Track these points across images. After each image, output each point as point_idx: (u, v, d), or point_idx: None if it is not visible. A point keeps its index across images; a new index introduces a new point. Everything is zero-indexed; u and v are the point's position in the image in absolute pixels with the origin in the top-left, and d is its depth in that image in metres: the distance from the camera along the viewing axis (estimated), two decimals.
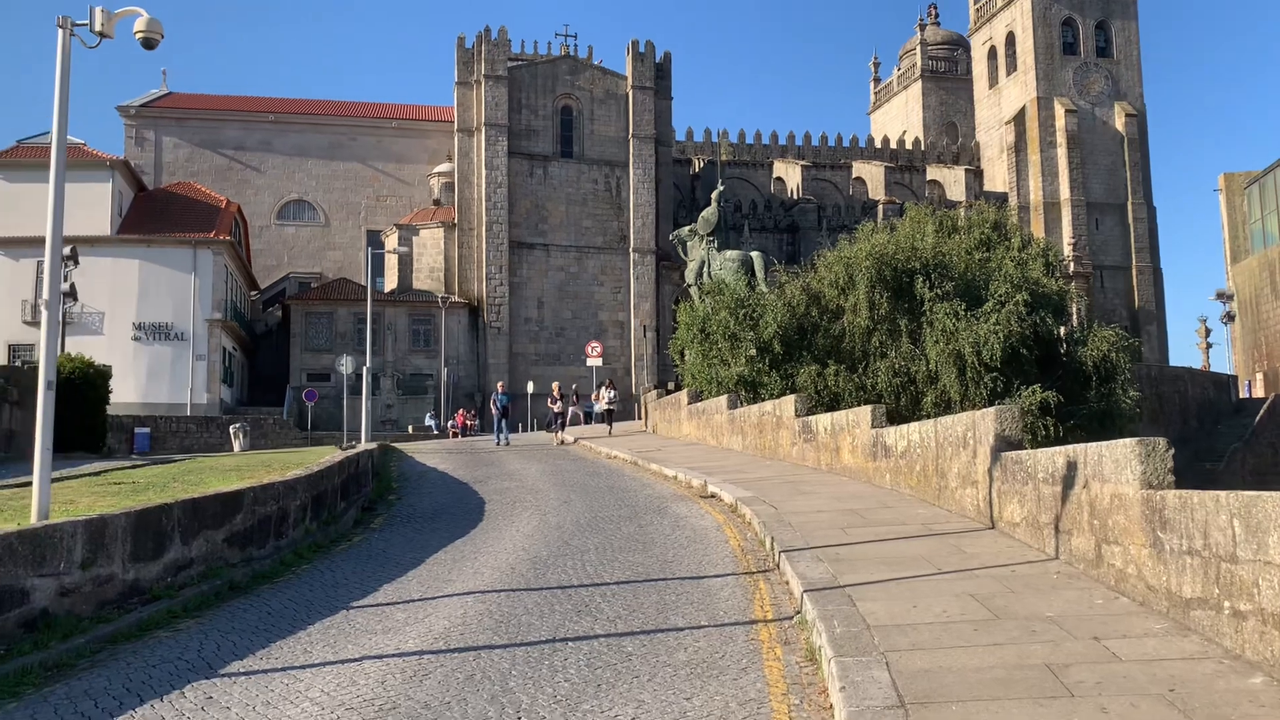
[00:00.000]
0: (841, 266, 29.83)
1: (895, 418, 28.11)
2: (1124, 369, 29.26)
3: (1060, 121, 71.45)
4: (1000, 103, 77.05)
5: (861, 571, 8.95)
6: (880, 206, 70.08)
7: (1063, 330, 30.75)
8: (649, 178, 63.75)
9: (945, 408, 27.80)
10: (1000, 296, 27.83)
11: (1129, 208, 71.39)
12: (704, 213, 38.10)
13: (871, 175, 77.98)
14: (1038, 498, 9.25)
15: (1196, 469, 40.80)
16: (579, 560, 11.09)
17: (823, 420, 17.80)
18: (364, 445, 23.54)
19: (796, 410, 19.43)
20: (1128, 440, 7.75)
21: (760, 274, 35.76)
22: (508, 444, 29.82)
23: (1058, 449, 9.08)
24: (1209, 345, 59.14)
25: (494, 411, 31.50)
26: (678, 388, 33.75)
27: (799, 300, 29.97)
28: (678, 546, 11.69)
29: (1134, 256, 70.90)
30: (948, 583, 8.38)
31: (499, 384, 32.32)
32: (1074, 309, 33.44)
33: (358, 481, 15.44)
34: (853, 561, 9.38)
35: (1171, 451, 7.54)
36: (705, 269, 36.89)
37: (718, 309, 30.86)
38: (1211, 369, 54.27)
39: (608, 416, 34.37)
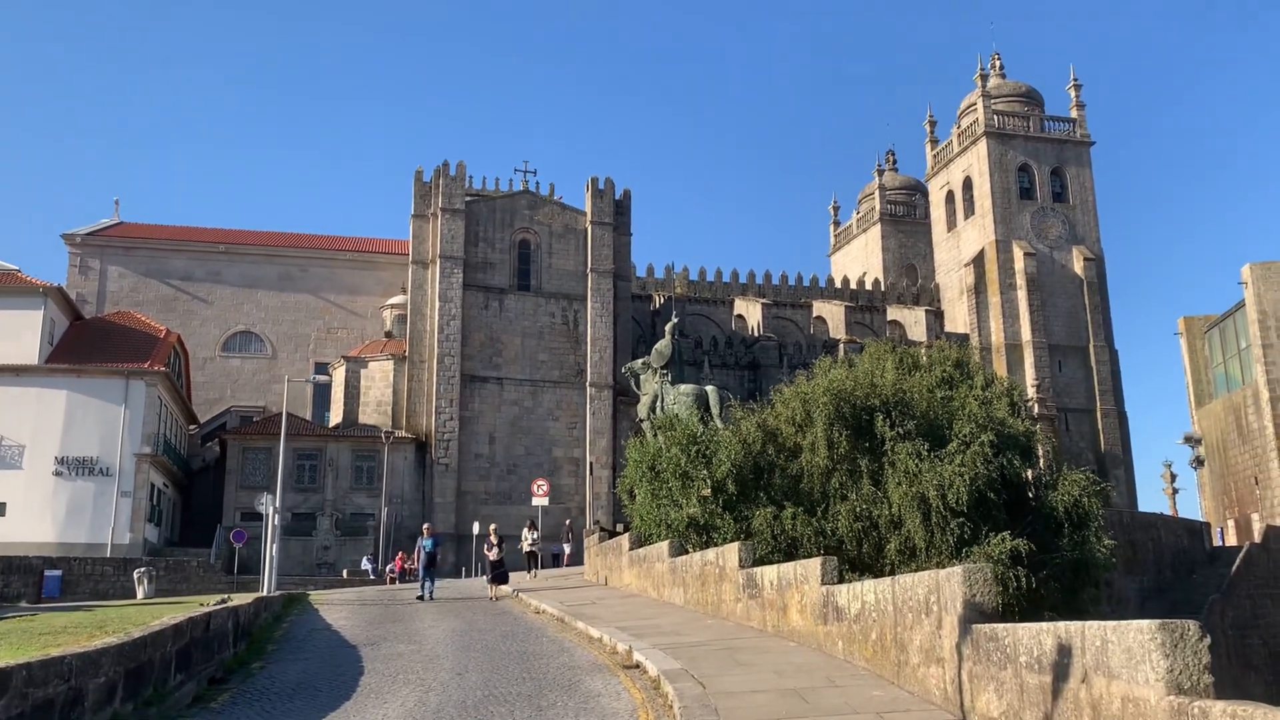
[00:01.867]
0: (799, 402, 28.27)
1: (857, 566, 25.98)
2: (1096, 515, 27.55)
3: (1019, 264, 71.80)
4: (959, 245, 77.63)
5: None
6: (841, 345, 69.26)
7: (1030, 474, 29.01)
8: (607, 311, 62.54)
9: (910, 555, 25.75)
10: (965, 436, 26.29)
11: (1090, 350, 71.10)
12: (657, 345, 36.50)
13: (832, 314, 77.59)
14: (1020, 688, 7.14)
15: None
16: None
17: (768, 574, 15.55)
18: (250, 597, 20.84)
19: (741, 560, 17.16)
20: (1144, 624, 5.70)
21: (715, 410, 33.98)
22: (431, 596, 26.92)
23: (1044, 626, 7.00)
24: (1175, 491, 57.56)
25: (417, 559, 28.54)
26: (628, 530, 31.37)
27: (755, 438, 28.22)
28: None
29: (1098, 399, 70.17)
30: None
31: (425, 526, 29.45)
32: (1041, 451, 31.88)
33: (208, 647, 12.91)
34: None
35: (1207, 641, 5.47)
36: (658, 404, 35.08)
37: (669, 445, 28.92)
38: (1180, 515, 52.55)
39: (531, 561, 31.81)
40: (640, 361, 36.87)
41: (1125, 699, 5.79)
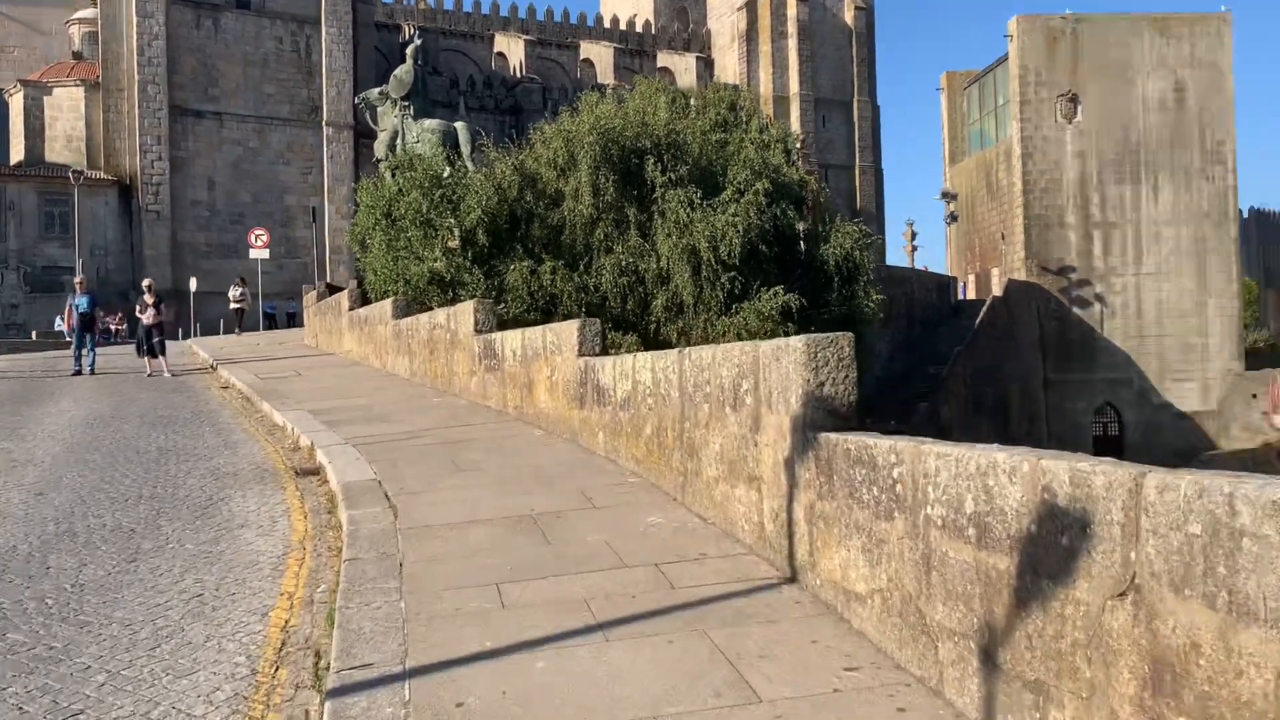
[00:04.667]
0: (562, 142, 24.70)
1: (622, 324, 23.57)
2: (867, 269, 26.31)
3: (792, 10, 68.93)
4: None
5: None
6: (610, 90, 64.92)
7: (802, 226, 27.13)
8: (345, 38, 54.53)
9: (677, 311, 23.62)
10: (740, 184, 23.87)
11: (854, 105, 70.53)
12: (396, 71, 31.18)
13: (600, 57, 72.53)
14: (918, 549, 4.38)
15: (921, 372, 39.61)
16: None
17: (510, 340, 12.27)
18: None
19: (478, 324, 13.75)
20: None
21: (466, 149, 29.77)
22: (92, 370, 21.32)
23: (962, 449, 4.11)
24: (914, 248, 59.29)
25: (69, 321, 22.51)
26: (361, 288, 27.19)
27: (511, 182, 24.60)
28: (168, 613, 6.06)
29: (858, 155, 70.41)
30: None
31: (77, 281, 23.28)
32: (811, 202, 30.20)
33: None
34: None
35: None
36: (398, 141, 30.34)
37: (409, 188, 24.69)
38: (930, 270, 54.10)
39: (238, 318, 27.46)
40: (377, 91, 31.53)
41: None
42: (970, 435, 39.70)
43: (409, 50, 31.61)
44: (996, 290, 49.65)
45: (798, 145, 31.91)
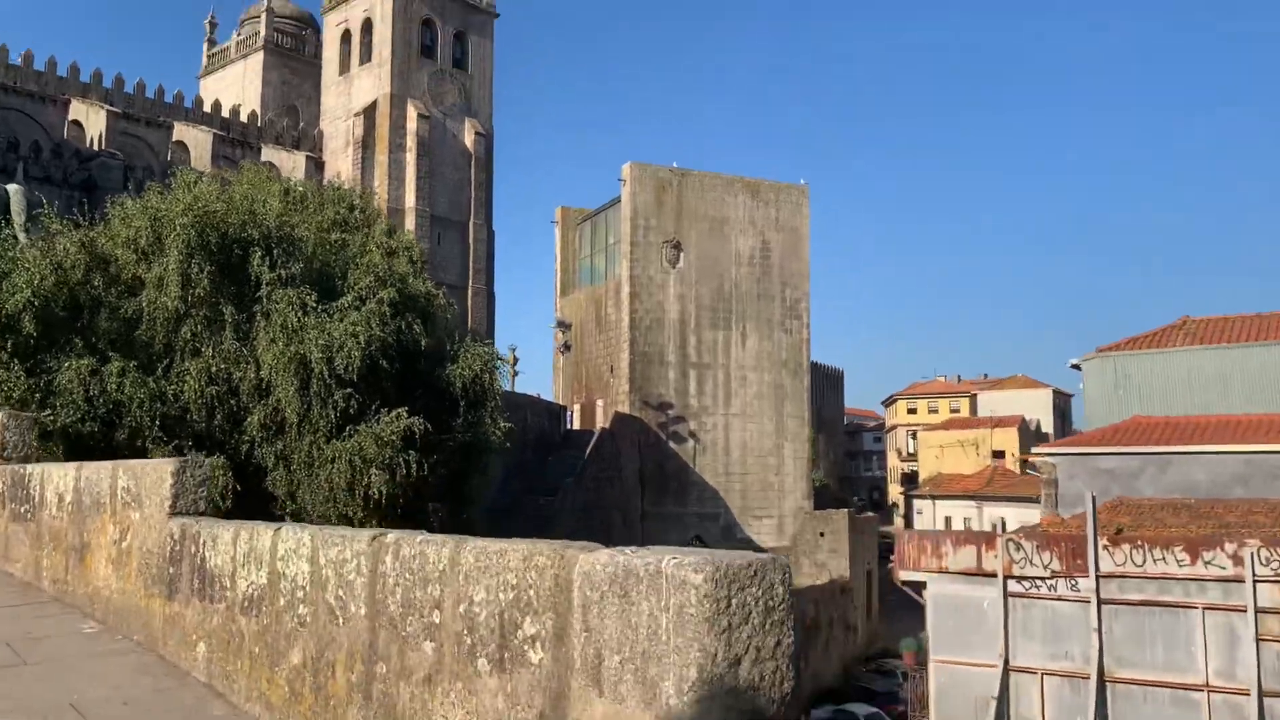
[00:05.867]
0: (147, 221, 21.00)
1: (205, 443, 19.83)
2: (495, 394, 24.85)
3: (412, 125, 67.99)
4: (351, 93, 71.36)
5: None
6: (209, 175, 59.33)
7: (425, 343, 25.13)
8: None
9: (278, 430, 20.47)
10: (362, 290, 21.62)
11: (470, 227, 70.42)
12: None
13: (197, 142, 66.48)
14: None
15: (529, 503, 38.55)
16: None
17: (57, 478, 8.65)
18: None
19: (2, 445, 9.76)
20: None
21: (19, 218, 24.67)
22: None
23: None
24: (516, 374, 59.50)
25: None
26: None
27: (77, 261, 20.46)
28: None
29: (471, 277, 69.99)
30: None
31: None
32: (439, 319, 28.37)
33: None
34: None
35: None
36: None
37: None
38: (541, 397, 54.08)
39: None
40: None
41: None
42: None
43: None
44: (601, 421, 50.49)
45: (420, 258, 30.18)
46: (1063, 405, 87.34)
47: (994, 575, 19.56)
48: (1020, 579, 19.52)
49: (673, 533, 48.37)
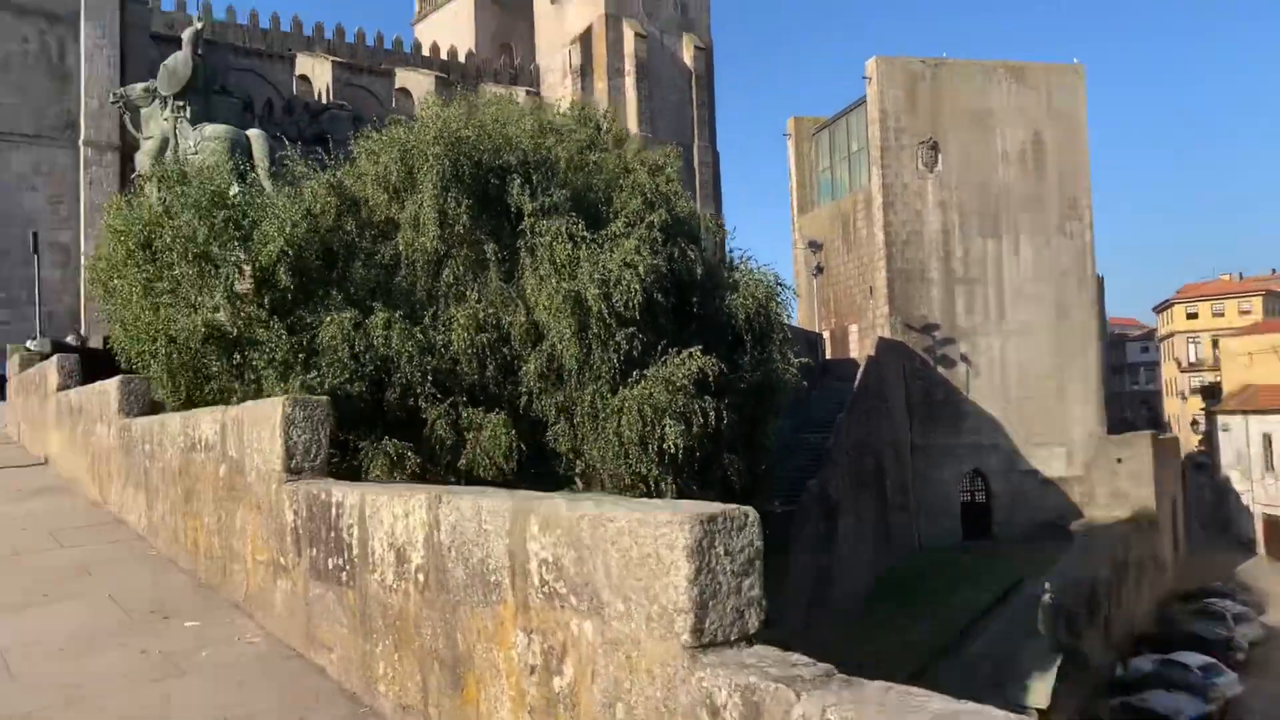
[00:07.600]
0: (396, 155, 18.68)
1: (479, 397, 17.52)
2: (782, 326, 21.24)
3: (629, 46, 64.90)
4: (564, 20, 68.91)
5: None
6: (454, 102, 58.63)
7: (699, 270, 21.71)
8: (111, 42, 45.53)
9: (556, 379, 17.85)
10: (631, 214, 18.55)
11: (695, 150, 66.97)
12: (168, 62, 24.14)
13: (420, 85, 66.00)
14: None
15: (801, 441, 35.15)
16: None
17: (397, 514, 4.66)
18: None
19: (290, 450, 5.90)
20: None
21: (263, 164, 23.07)
22: None
23: None
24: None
25: None
26: (106, 351, 19.48)
27: (327, 205, 18.45)
28: None
29: (699, 204, 66.66)
30: None
31: None
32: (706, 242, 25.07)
33: None
34: None
35: None
36: (170, 152, 23.17)
37: (179, 209, 17.76)
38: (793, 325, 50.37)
39: None
40: (141, 87, 24.28)
41: None
42: (855, 511, 35.46)
43: (186, 36, 24.57)
44: (855, 347, 46.34)
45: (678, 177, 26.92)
46: None
47: None
48: None
49: (947, 467, 43.87)
